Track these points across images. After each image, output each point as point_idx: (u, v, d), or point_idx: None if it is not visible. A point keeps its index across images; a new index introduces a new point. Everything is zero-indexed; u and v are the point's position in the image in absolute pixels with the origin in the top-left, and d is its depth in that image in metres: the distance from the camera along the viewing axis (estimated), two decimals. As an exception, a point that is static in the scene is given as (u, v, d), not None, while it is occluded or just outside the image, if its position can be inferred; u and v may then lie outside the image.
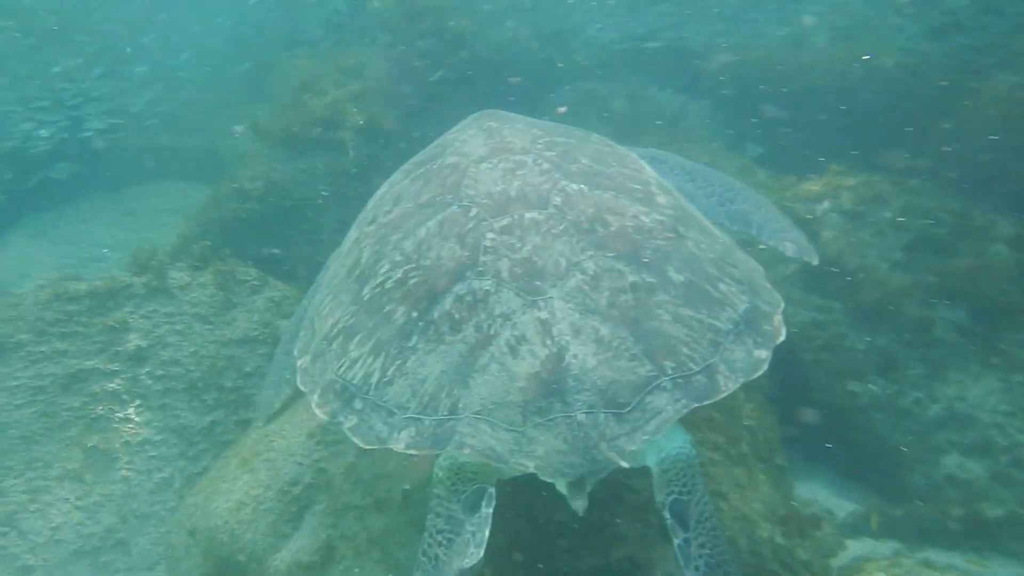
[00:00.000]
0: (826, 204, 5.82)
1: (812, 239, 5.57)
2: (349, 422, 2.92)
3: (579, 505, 2.68)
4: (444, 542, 2.76)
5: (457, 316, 2.90)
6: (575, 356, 2.74)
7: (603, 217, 3.18)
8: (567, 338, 2.78)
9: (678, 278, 3.04)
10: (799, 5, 9.12)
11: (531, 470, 2.61)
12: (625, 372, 2.73)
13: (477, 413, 2.71)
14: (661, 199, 3.41)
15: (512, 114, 4.08)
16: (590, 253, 3.01)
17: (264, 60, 9.49)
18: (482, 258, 3.01)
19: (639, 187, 3.43)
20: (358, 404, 2.94)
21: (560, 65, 10.79)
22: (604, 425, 2.64)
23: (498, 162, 3.49)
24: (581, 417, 2.64)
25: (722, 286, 3.11)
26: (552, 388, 2.69)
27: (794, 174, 7.57)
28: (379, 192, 3.85)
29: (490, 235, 3.09)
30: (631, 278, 2.97)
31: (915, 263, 5.53)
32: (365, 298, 3.20)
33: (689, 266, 3.11)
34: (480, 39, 8.73)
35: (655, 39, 10.63)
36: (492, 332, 2.83)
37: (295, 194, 6.61)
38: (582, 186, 3.32)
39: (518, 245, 3.03)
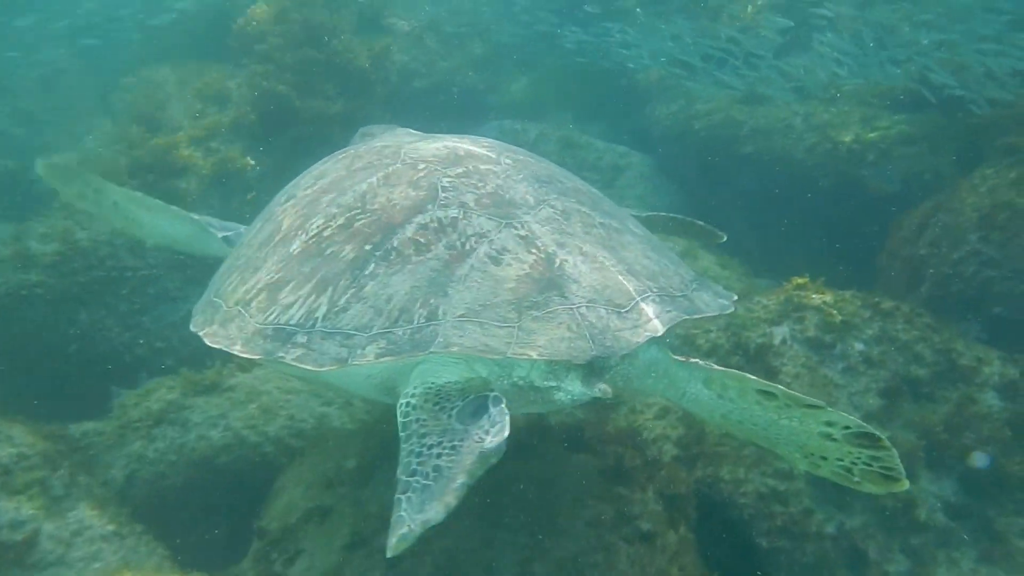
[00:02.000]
0: (785, 329, 4.71)
1: (770, 376, 4.51)
2: (291, 354, 2.70)
3: (604, 388, 2.68)
4: (445, 452, 2.39)
5: (423, 240, 2.82)
6: (565, 260, 2.77)
7: (558, 178, 3.29)
8: (553, 248, 2.81)
9: (637, 230, 3.24)
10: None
11: (535, 358, 2.55)
12: (616, 281, 2.78)
13: (462, 316, 2.60)
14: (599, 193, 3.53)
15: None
16: (555, 196, 3.09)
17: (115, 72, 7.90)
18: (442, 195, 2.98)
19: (581, 184, 3.50)
20: (301, 338, 2.74)
21: (489, 98, 9.58)
22: (607, 318, 2.65)
23: (433, 140, 3.49)
24: (583, 309, 2.64)
25: (672, 255, 3.27)
26: (546, 284, 2.68)
27: (747, 267, 6.57)
28: (294, 181, 3.65)
29: (446, 179, 3.06)
30: (599, 219, 3.06)
31: (893, 412, 4.48)
32: (295, 252, 3.03)
33: (641, 229, 3.34)
34: (382, 66, 7.40)
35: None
36: (467, 248, 2.77)
37: (109, 262, 5.11)
38: (529, 159, 3.41)
39: (480, 185, 3.04)
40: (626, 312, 2.70)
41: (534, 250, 2.78)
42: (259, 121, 6.23)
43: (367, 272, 2.78)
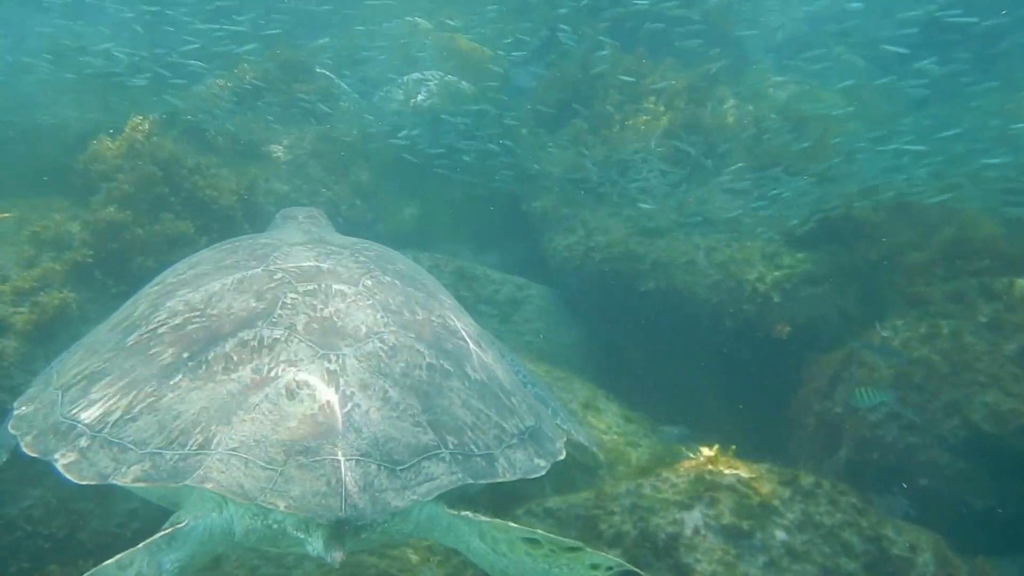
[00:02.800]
0: (698, 514, 4.15)
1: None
2: (65, 459, 2.65)
3: (336, 556, 2.48)
4: None
5: (236, 358, 2.80)
6: (358, 406, 2.71)
7: (412, 306, 3.29)
8: (353, 389, 2.75)
9: (474, 375, 3.17)
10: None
11: (281, 509, 2.44)
12: (406, 433, 2.72)
13: (233, 449, 2.55)
14: (466, 318, 3.61)
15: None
16: (393, 328, 3.07)
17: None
18: (278, 311, 2.99)
19: (449, 301, 3.63)
20: (83, 442, 2.70)
21: (378, 227, 9.03)
22: (374, 475, 2.56)
23: (314, 247, 3.55)
24: (351, 463, 2.54)
25: (513, 400, 3.25)
26: (326, 430, 2.60)
27: (654, 414, 6.08)
28: (173, 266, 3.75)
29: (292, 295, 3.08)
30: (429, 360, 3.03)
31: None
32: (128, 344, 3.04)
33: (486, 371, 3.26)
34: (252, 201, 6.78)
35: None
36: (272, 375, 2.73)
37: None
38: (395, 280, 3.44)
39: (320, 307, 3.05)
40: (401, 470, 2.62)
41: (333, 389, 2.72)
42: (103, 267, 5.46)
43: (172, 382, 2.77)
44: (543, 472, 3.01)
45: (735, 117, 8.26)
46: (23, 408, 3.05)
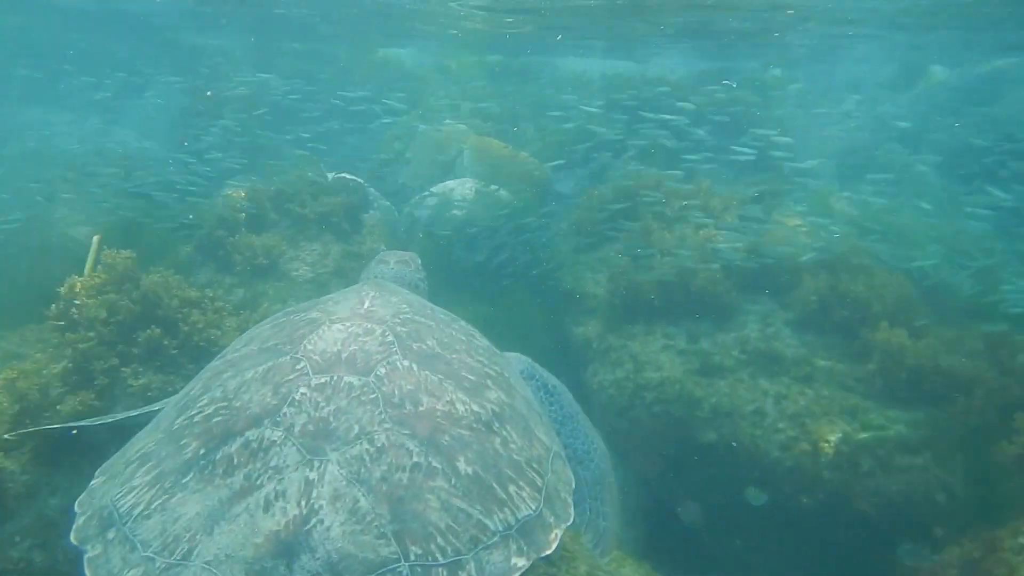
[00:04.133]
0: None
1: None
2: (93, 551, 2.96)
3: None
4: None
5: (236, 461, 3.02)
6: (321, 522, 2.84)
7: (417, 396, 3.38)
8: (322, 503, 2.88)
9: (465, 469, 3.20)
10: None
11: None
12: (365, 549, 2.81)
13: (207, 562, 2.76)
14: (492, 394, 3.62)
15: (399, 288, 4.82)
16: (387, 426, 3.18)
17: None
18: (285, 409, 3.18)
19: (473, 378, 3.66)
20: (111, 534, 2.98)
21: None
22: None
23: (350, 325, 3.71)
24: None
25: (512, 488, 3.25)
26: (284, 550, 2.76)
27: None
28: (247, 332, 4.15)
29: (303, 390, 3.26)
30: (416, 459, 3.12)
31: None
32: (173, 428, 3.31)
33: (483, 461, 3.28)
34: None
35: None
36: (259, 483, 2.93)
37: None
38: (413, 364, 3.54)
39: (322, 404, 3.20)
40: None
41: (303, 503, 2.88)
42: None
43: (183, 481, 3.01)
44: (519, 572, 3.01)
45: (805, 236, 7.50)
46: (97, 479, 3.37)
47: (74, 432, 4.45)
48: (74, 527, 3.13)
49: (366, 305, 4.02)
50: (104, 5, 17.23)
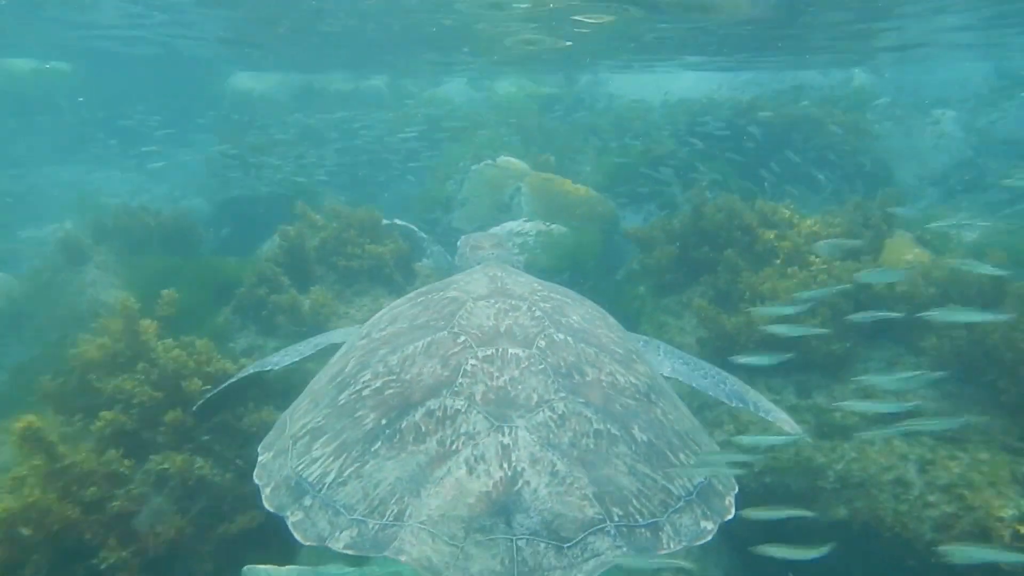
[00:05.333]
0: None
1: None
2: (294, 517, 3.09)
3: None
4: None
5: (424, 428, 3.18)
6: (528, 483, 2.98)
7: (581, 367, 3.55)
8: (523, 465, 3.03)
9: (641, 436, 3.36)
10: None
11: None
12: (573, 508, 2.95)
13: (422, 523, 2.91)
14: (639, 367, 3.80)
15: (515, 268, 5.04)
16: (562, 395, 3.34)
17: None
18: (460, 379, 3.34)
19: (620, 351, 3.84)
20: (308, 501, 3.12)
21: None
22: (542, 555, 2.83)
23: (495, 302, 3.90)
24: (521, 542, 2.84)
25: (681, 456, 3.39)
26: (499, 509, 2.90)
27: None
28: (379, 313, 4.31)
29: (472, 361, 3.43)
30: (596, 425, 3.27)
31: None
32: (340, 403, 3.47)
33: (653, 429, 3.45)
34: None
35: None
36: (454, 448, 3.10)
37: None
38: (568, 337, 3.71)
39: (496, 374, 3.36)
40: (568, 547, 2.87)
41: (506, 465, 3.02)
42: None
43: (373, 449, 3.19)
44: (710, 536, 3.12)
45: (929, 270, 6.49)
46: (264, 455, 3.52)
47: None
48: (264, 497, 3.26)
49: (499, 284, 4.16)
50: (154, 49, 17.20)
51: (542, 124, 14.87)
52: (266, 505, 3.20)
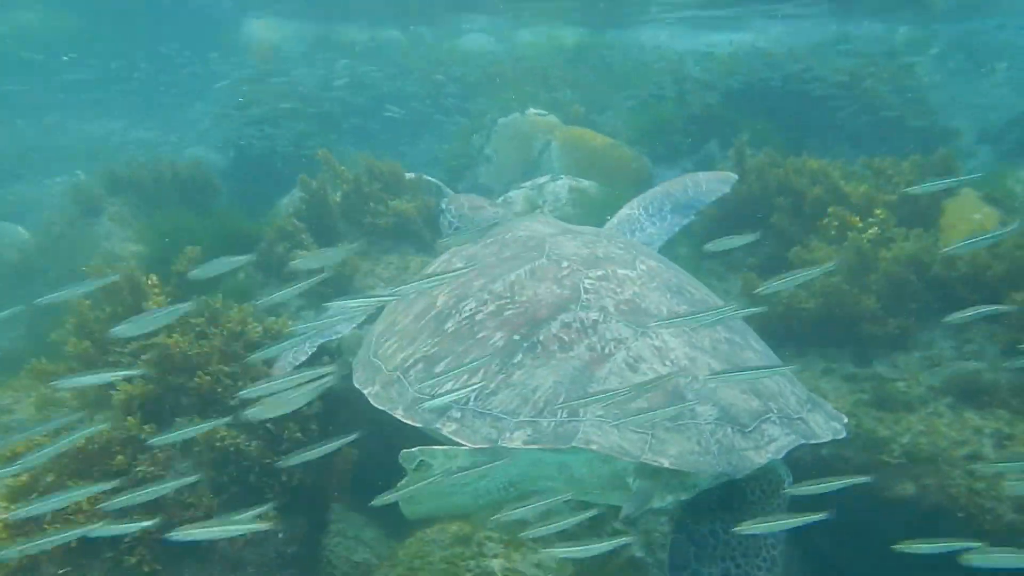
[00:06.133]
0: None
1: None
2: (448, 427, 3.26)
3: (639, 506, 3.08)
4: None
5: (566, 338, 3.39)
6: (695, 378, 3.24)
7: (685, 287, 3.87)
8: (685, 363, 3.30)
9: (756, 346, 3.75)
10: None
11: (667, 466, 2.97)
12: (740, 400, 3.22)
13: (601, 416, 3.07)
14: (719, 300, 4.20)
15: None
16: (684, 307, 3.63)
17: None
18: (584, 295, 3.57)
19: (696, 284, 4.16)
20: (456, 413, 3.29)
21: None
22: (731, 437, 3.08)
23: (573, 237, 4.14)
24: (709, 427, 3.08)
25: (787, 372, 3.70)
26: (678, 399, 3.12)
27: None
28: (441, 259, 4.59)
29: (588, 281, 3.66)
30: (724, 334, 3.58)
31: None
32: (449, 331, 3.64)
33: (761, 343, 3.83)
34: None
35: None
36: (607, 352, 3.31)
37: None
38: (659, 264, 4.02)
39: (617, 290, 3.62)
40: (749, 432, 3.12)
41: (667, 362, 3.29)
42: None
43: (515, 361, 3.36)
44: (843, 434, 3.47)
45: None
46: (370, 388, 3.67)
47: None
48: (399, 414, 3.43)
49: (561, 226, 4.30)
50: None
51: (571, 75, 14.33)
52: (406, 420, 3.37)
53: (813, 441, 3.21)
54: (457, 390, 3.28)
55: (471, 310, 3.64)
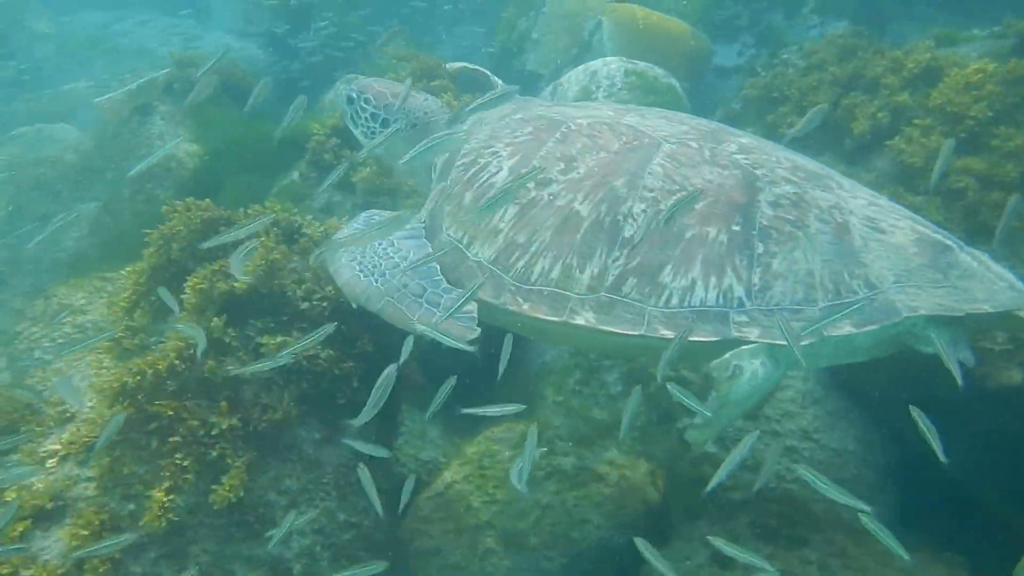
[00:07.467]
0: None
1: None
2: (751, 332, 3.17)
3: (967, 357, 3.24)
4: None
5: (790, 217, 3.33)
6: (926, 227, 3.52)
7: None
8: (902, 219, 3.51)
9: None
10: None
11: (989, 311, 3.12)
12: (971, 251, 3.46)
13: (896, 283, 3.18)
14: None
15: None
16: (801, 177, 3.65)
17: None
18: (756, 171, 3.49)
19: None
20: (741, 318, 3.20)
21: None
22: (994, 280, 3.27)
23: (625, 112, 3.97)
24: (982, 267, 3.27)
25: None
26: (940, 248, 3.30)
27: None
28: (507, 165, 3.79)
29: (741, 157, 3.58)
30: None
31: None
32: (639, 240, 3.36)
33: None
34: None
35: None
36: (839, 220, 3.35)
37: None
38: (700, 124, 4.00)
39: (772, 159, 3.60)
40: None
41: (895, 218, 3.44)
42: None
43: (759, 252, 3.26)
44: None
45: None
46: (600, 316, 3.35)
47: None
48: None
49: (579, 106, 4.28)
50: None
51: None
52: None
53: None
54: (716, 295, 3.24)
55: (645, 213, 3.37)
